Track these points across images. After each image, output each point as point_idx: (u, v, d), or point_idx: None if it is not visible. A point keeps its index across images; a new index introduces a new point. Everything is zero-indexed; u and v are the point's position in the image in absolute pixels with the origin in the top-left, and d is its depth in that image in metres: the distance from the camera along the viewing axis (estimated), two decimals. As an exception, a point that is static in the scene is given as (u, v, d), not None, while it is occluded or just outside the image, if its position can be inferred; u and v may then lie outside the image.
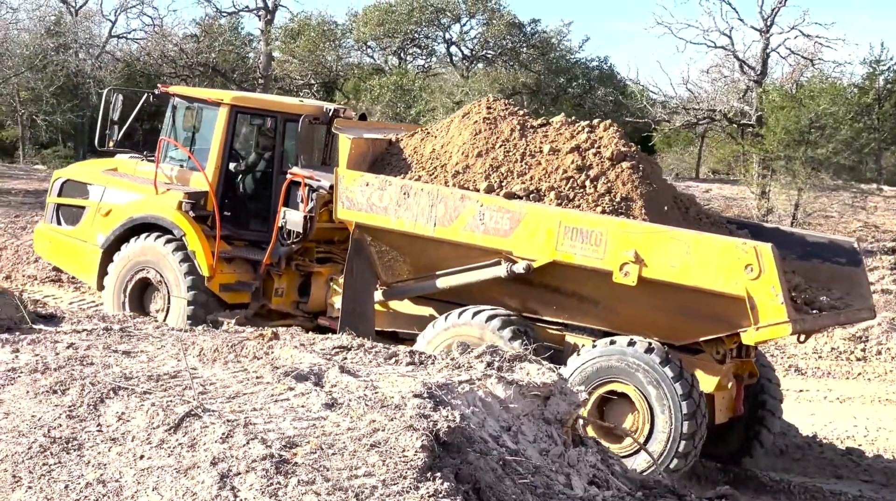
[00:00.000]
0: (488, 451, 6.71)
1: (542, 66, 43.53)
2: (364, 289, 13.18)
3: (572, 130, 12.66)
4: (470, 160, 12.59)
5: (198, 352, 8.48)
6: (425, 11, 43.38)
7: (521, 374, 8.02)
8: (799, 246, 12.88)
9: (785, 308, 10.57)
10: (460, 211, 12.10)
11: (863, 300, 12.48)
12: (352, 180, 12.70)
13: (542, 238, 11.67)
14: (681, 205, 12.67)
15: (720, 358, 11.68)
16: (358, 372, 7.82)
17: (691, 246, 10.97)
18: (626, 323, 11.76)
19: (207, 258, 14.14)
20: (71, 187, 15.70)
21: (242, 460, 6.17)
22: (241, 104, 14.89)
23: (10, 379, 7.77)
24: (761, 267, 10.58)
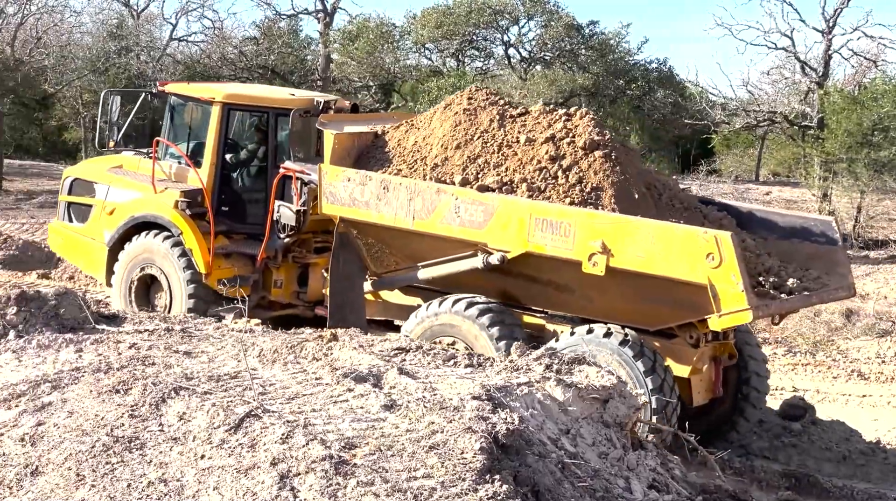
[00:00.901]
0: (547, 454, 6.69)
1: (600, 68, 43.34)
2: (353, 281, 13.41)
3: (550, 119, 12.78)
4: (449, 152, 12.72)
5: (258, 353, 8.53)
6: (484, 13, 43.35)
7: (580, 377, 7.99)
8: (779, 226, 12.91)
9: (745, 295, 10.65)
10: (437, 204, 12.25)
11: (841, 278, 12.46)
12: (334, 176, 12.88)
13: (514, 230, 11.80)
14: (654, 192, 12.67)
15: (694, 342, 11.75)
16: (416, 374, 7.83)
17: (655, 235, 11.08)
18: (602, 310, 11.91)
19: (204, 255, 14.39)
20: (79, 185, 16.05)
21: (302, 461, 6.19)
22: (233, 101, 15.01)
23: (74, 378, 7.85)
24: (722, 255, 10.66)
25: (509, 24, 44.95)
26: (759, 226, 12.83)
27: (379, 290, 13.49)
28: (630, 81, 44.54)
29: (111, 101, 15.67)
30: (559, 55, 44.56)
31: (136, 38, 43.76)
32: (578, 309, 12.19)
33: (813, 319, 21.34)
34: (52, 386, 7.72)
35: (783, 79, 41.23)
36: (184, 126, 15.36)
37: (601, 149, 12.23)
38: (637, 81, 44.51)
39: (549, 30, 43.90)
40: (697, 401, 12.07)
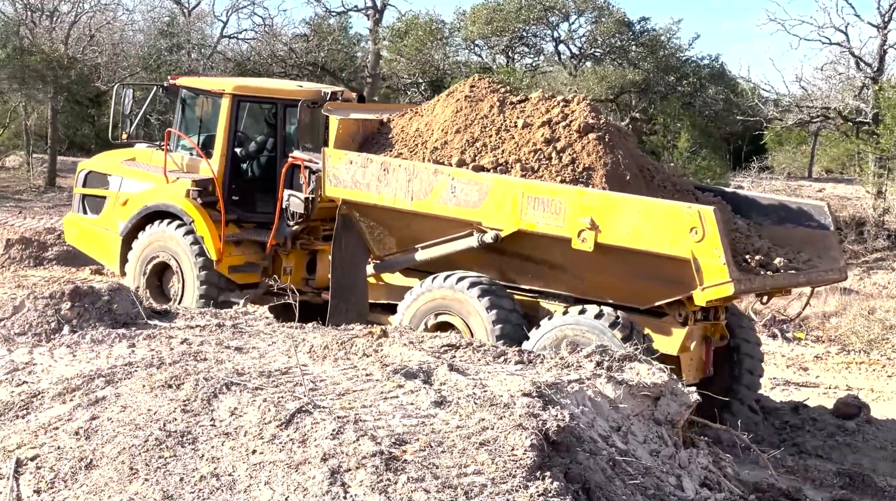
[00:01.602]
0: (598, 451, 6.66)
1: (651, 65, 43.09)
2: (355, 263, 13.71)
3: (548, 105, 13.04)
4: (448, 136, 13.04)
5: (308, 349, 8.56)
6: (534, 9, 43.21)
7: (631, 374, 7.96)
8: (774, 212, 13.12)
9: (727, 268, 10.91)
10: (434, 184, 12.59)
11: (832, 262, 12.66)
12: (337, 159, 13.25)
13: (507, 208, 12.11)
14: (647, 174, 12.91)
15: (682, 320, 11.96)
16: (467, 371, 7.82)
17: (641, 211, 11.38)
18: (593, 288, 12.18)
19: (215, 242, 14.68)
20: (93, 178, 16.39)
21: (352, 456, 6.21)
22: (242, 93, 15.29)
23: (128, 373, 7.92)
24: (705, 229, 10.92)
25: (559, 20, 44.79)
26: (754, 212, 13.09)
27: (381, 273, 13.80)
28: (681, 78, 44.24)
29: (124, 95, 16.05)
30: (609, 51, 44.34)
31: (188, 36, 44.04)
32: (571, 288, 12.42)
33: (867, 317, 21.14)
34: (105, 380, 7.80)
35: (837, 74, 40.80)
36: (195, 118, 15.73)
37: (595, 132, 12.51)
38: (688, 78, 44.20)
39: (600, 26, 43.70)
40: (688, 380, 11.94)
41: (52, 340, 9.28)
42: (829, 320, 21.86)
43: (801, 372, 17.45)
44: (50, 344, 9.16)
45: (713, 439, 9.98)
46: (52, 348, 9.06)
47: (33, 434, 7.03)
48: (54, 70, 36.11)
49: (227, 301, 14.52)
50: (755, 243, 12.34)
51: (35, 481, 6.45)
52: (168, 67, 41.03)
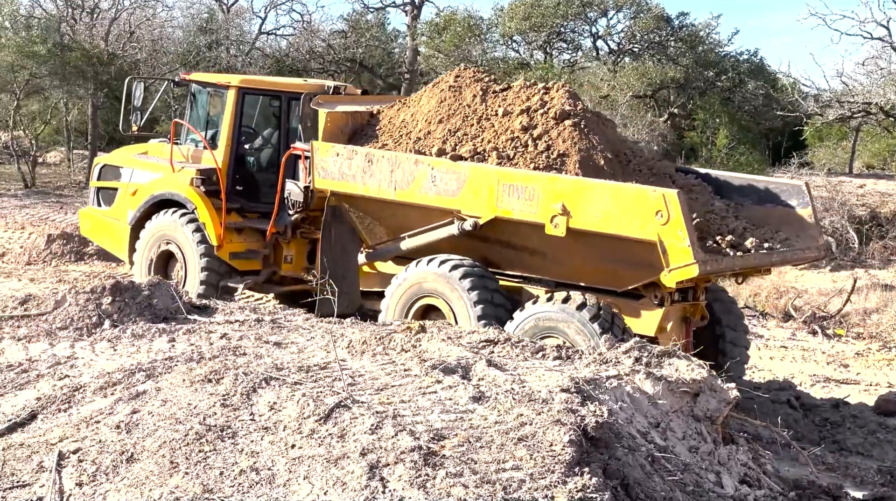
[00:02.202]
0: (636, 447, 6.64)
1: (690, 60, 42.88)
2: (346, 253, 14.05)
3: (529, 93, 13.30)
4: (432, 126, 13.33)
5: (347, 344, 8.59)
6: (572, 5, 43.10)
7: (670, 370, 7.93)
8: (754, 192, 13.25)
9: (691, 250, 11.12)
10: (415, 174, 12.88)
11: (810, 240, 12.79)
12: (325, 151, 13.59)
13: (484, 196, 12.37)
14: (623, 159, 13.08)
15: (659, 301, 12.18)
16: (505, 366, 7.82)
17: (610, 196, 11.61)
18: (570, 272, 12.46)
19: (216, 229, 15.04)
20: (107, 171, 16.89)
21: (391, 451, 6.22)
22: (247, 86, 15.74)
23: (168, 367, 7.97)
24: (669, 212, 11.13)
25: (598, 15, 44.64)
26: (735, 193, 13.27)
27: (372, 262, 14.16)
28: (720, 73, 43.98)
29: (135, 88, 16.31)
30: (648, 47, 44.16)
31: (226, 32, 44.20)
32: (550, 272, 12.70)
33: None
34: (146, 374, 7.85)
35: (879, 69, 40.42)
36: (203, 112, 16.15)
37: (571, 119, 12.74)
38: (727, 73, 43.93)
39: (638, 21, 43.53)
40: None
41: (94, 334, 9.36)
42: (870, 316, 21.71)
43: (841, 369, 17.34)
44: (91, 339, 9.24)
45: (753, 436, 9.94)
46: (93, 342, 9.14)
47: (75, 427, 7.09)
48: (94, 66, 36.31)
49: (228, 286, 14.99)
50: (730, 224, 12.53)
51: (77, 474, 6.50)
52: (207, 64, 41.23)
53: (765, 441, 10.33)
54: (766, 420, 12.62)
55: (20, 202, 29.08)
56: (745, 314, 22.34)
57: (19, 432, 7.22)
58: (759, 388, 13.75)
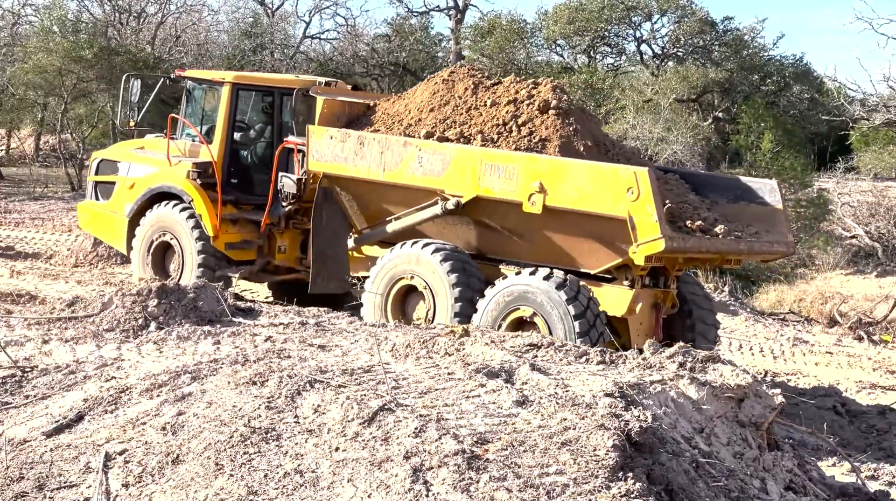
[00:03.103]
0: (681, 452, 6.62)
1: (734, 64, 42.70)
2: (335, 234, 14.57)
3: (518, 87, 13.77)
4: (423, 115, 13.88)
5: (390, 348, 8.60)
6: (616, 9, 43.05)
7: (714, 375, 7.89)
8: (729, 190, 13.65)
9: (659, 225, 11.62)
10: (403, 155, 13.40)
11: (780, 236, 13.21)
12: (319, 135, 14.10)
13: (468, 176, 12.90)
14: (602, 149, 13.51)
15: (630, 283, 12.63)
16: (548, 370, 7.81)
17: (584, 174, 12.23)
18: (546, 254, 12.89)
19: (212, 219, 15.51)
20: (105, 165, 17.32)
21: (435, 455, 6.22)
22: (241, 82, 16.27)
23: (213, 369, 8.02)
24: (640, 189, 11.66)
25: (642, 19, 44.58)
26: (711, 190, 13.66)
27: (361, 246, 14.55)
28: (765, 77, 43.78)
29: (131, 85, 16.81)
30: (692, 51, 44.03)
31: (271, 36, 44.47)
32: (527, 254, 13.13)
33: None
34: (191, 376, 7.90)
35: (926, 73, 40.05)
36: (199, 107, 16.69)
37: (554, 109, 13.25)
38: (772, 77, 43.73)
39: (683, 25, 43.41)
40: (637, 343, 12.48)
41: (140, 336, 9.44)
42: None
43: (887, 375, 17.17)
44: (137, 341, 9.32)
45: (798, 442, 9.88)
46: (139, 344, 9.22)
47: (122, 428, 7.15)
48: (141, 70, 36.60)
49: (224, 276, 15.55)
50: (702, 213, 12.89)
51: (123, 475, 6.56)
52: (251, 67, 41.48)
53: (810, 447, 10.27)
54: (811, 426, 12.66)
55: (67, 205, 29.35)
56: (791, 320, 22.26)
57: (67, 433, 7.29)
58: (805, 394, 13.69)
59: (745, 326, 20.66)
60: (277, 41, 44.83)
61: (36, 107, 39.48)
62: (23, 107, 39.35)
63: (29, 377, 8.42)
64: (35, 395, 8.02)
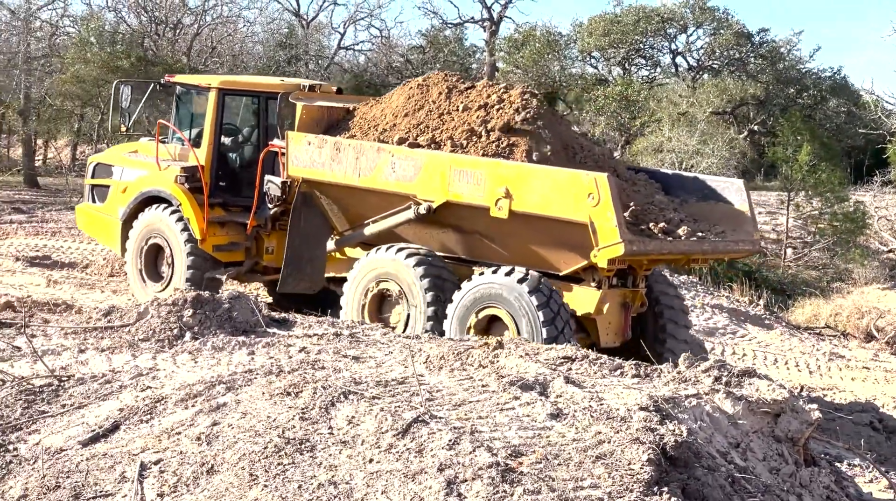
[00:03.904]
0: (716, 467, 6.58)
1: (770, 77, 42.52)
2: (313, 237, 14.97)
3: (490, 91, 14.16)
4: (398, 120, 14.23)
5: (424, 359, 8.59)
6: (651, 21, 42.99)
7: (750, 390, 7.84)
8: (698, 190, 14.04)
9: (618, 230, 11.97)
10: (377, 161, 13.75)
11: (746, 234, 13.53)
12: (297, 141, 14.45)
13: (437, 181, 13.27)
14: (570, 152, 13.86)
15: (597, 284, 12.97)
16: (583, 383, 7.79)
17: (548, 179, 12.58)
18: (515, 256, 13.26)
19: (199, 223, 15.94)
20: (100, 169, 17.88)
21: (469, 467, 6.21)
22: (227, 86, 16.59)
23: (247, 380, 8.03)
24: (600, 195, 12.02)
25: (677, 31, 44.50)
26: (681, 190, 14.08)
27: (342, 247, 14.99)
28: (801, 90, 43.57)
29: (122, 91, 17.16)
30: (728, 63, 43.88)
31: (305, 47, 44.64)
32: (498, 256, 13.50)
33: None
34: (226, 387, 7.92)
35: (964, 87, 39.75)
36: (188, 112, 17.04)
37: (523, 113, 13.60)
38: (809, 90, 43.51)
39: (718, 38, 43.31)
40: (606, 342, 13.26)
41: (175, 346, 9.47)
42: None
43: (925, 391, 17.04)
44: (172, 351, 9.35)
45: (835, 458, 9.80)
46: (174, 354, 9.25)
47: (157, 438, 7.17)
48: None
49: (213, 277, 16.02)
50: (668, 214, 13.24)
51: (158, 484, 6.58)
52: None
53: (847, 463, 10.18)
54: (848, 442, 12.67)
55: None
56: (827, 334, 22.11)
57: (102, 442, 7.31)
58: (841, 410, 13.59)
59: (780, 340, 20.54)
60: (312, 52, 45.01)
61: (73, 118, 39.79)
62: (60, 118, 39.72)
63: (65, 386, 8.46)
64: (71, 404, 8.06)
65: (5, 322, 10.65)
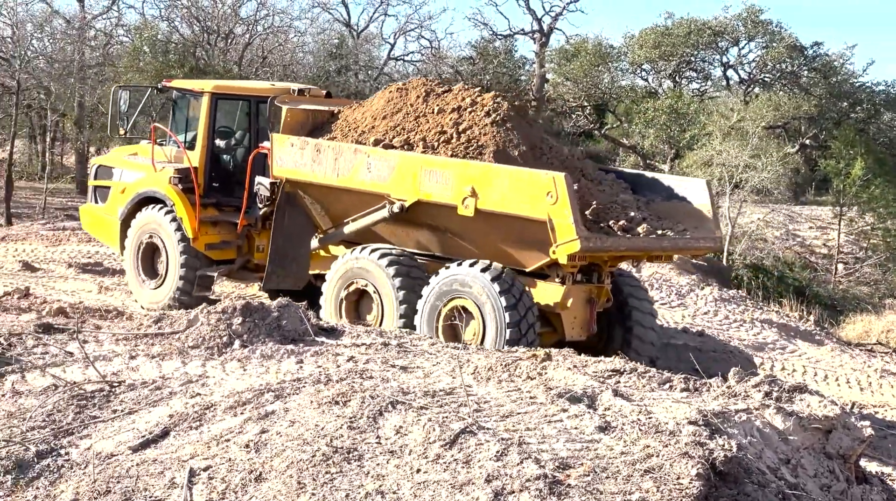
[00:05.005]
0: (766, 483, 6.52)
1: (823, 91, 42.18)
2: (297, 235, 15.57)
3: (465, 94, 14.74)
4: (377, 122, 14.80)
5: (472, 370, 8.59)
6: (703, 34, 42.78)
7: (801, 406, 7.77)
8: (664, 190, 14.51)
9: (574, 227, 12.51)
10: (354, 162, 14.36)
11: (707, 232, 13.99)
12: (281, 143, 15.05)
13: (410, 181, 13.86)
14: (538, 152, 14.33)
15: (561, 280, 13.50)
16: (631, 397, 7.75)
17: (510, 179, 13.10)
18: (485, 253, 13.74)
19: (192, 222, 16.59)
20: (102, 171, 18.72)
21: (516, 479, 6.19)
22: (219, 91, 17.28)
23: (296, 388, 8.06)
24: (558, 193, 12.55)
25: (729, 44, 44.26)
26: (648, 190, 14.58)
27: (325, 245, 15.62)
28: (855, 104, 43.19)
29: (120, 96, 18.14)
30: (780, 77, 43.58)
31: (355, 58, 44.78)
32: (467, 253, 13.98)
33: None
34: (274, 395, 7.95)
35: None
36: (184, 116, 17.72)
37: (492, 116, 14.18)
38: (862, 104, 43.12)
39: (771, 51, 43.02)
40: (571, 336, 13.73)
41: (224, 354, 9.51)
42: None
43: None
44: (222, 358, 9.40)
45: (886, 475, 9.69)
46: (223, 362, 9.29)
47: (206, 445, 7.21)
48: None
49: (205, 275, 16.74)
50: (630, 213, 13.72)
51: (207, 491, 6.61)
52: (335, 88, 41.81)
53: (898, 481, 10.05)
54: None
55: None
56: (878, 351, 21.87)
57: (152, 448, 7.36)
58: (893, 427, 13.45)
59: (830, 356, 20.35)
60: (362, 62, 45.15)
61: (126, 126, 40.06)
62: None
63: (116, 391, 8.52)
64: (122, 410, 8.12)
65: (58, 327, 10.75)
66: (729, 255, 31.76)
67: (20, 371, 9.05)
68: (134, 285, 17.56)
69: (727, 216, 32.70)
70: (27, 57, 37.20)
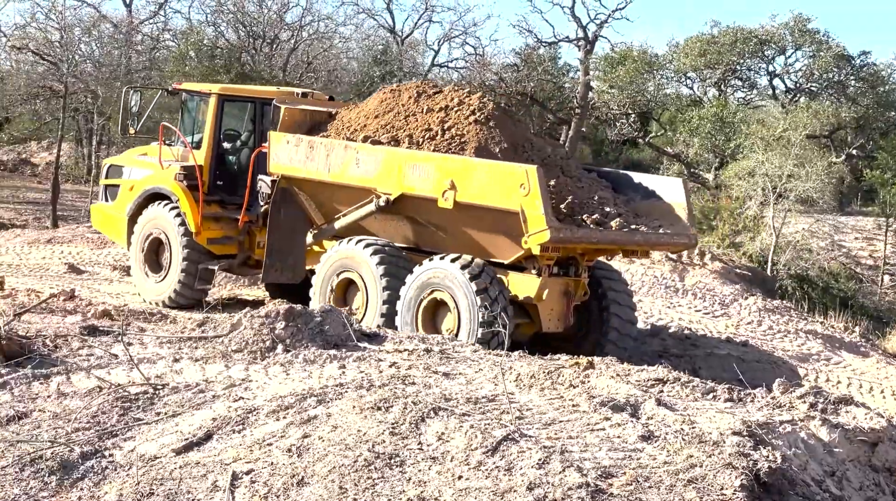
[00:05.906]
0: (811, 495, 6.47)
1: (870, 100, 41.84)
2: (293, 230, 16.09)
3: (454, 95, 15.20)
4: (369, 121, 15.36)
5: (515, 377, 8.59)
6: (749, 43, 42.54)
7: (847, 418, 7.71)
8: (643, 189, 14.95)
9: (545, 218, 12.94)
10: (344, 158, 14.92)
11: (683, 229, 14.41)
12: (278, 140, 15.69)
13: (394, 175, 14.41)
14: (520, 150, 14.76)
15: (537, 272, 13.87)
16: (675, 406, 7.72)
17: (486, 172, 13.63)
18: (465, 246, 14.24)
19: (195, 217, 17.16)
20: (113, 170, 19.35)
21: (558, 487, 6.18)
22: (226, 93, 17.90)
23: (338, 393, 8.08)
24: (530, 185, 12.99)
25: (775, 53, 43.98)
26: (629, 189, 15.02)
27: (320, 240, 16.08)
28: (902, 114, 42.79)
29: (130, 97, 18.68)
30: (826, 86, 43.27)
31: (399, 64, 44.89)
32: (449, 246, 14.47)
33: None
34: (317, 399, 7.97)
35: None
36: (192, 117, 18.27)
37: (477, 114, 14.70)
38: (910, 114, 42.73)
39: (818, 60, 42.71)
40: (548, 327, 14.25)
41: (267, 358, 9.55)
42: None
43: None
44: (265, 362, 9.43)
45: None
46: (266, 366, 9.32)
47: (248, 448, 7.23)
48: (273, 96, 37.27)
49: (207, 268, 17.28)
50: (606, 208, 14.13)
51: (249, 494, 6.63)
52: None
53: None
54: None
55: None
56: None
57: (195, 451, 7.39)
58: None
59: (875, 368, 20.17)
60: (406, 69, 45.25)
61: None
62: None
63: (160, 394, 8.57)
64: (166, 413, 8.17)
65: (103, 330, 10.84)
66: (773, 265, 31.55)
67: (65, 372, 9.12)
68: (138, 279, 18.08)
69: (771, 226, 32.48)
70: (75, 61, 37.56)
